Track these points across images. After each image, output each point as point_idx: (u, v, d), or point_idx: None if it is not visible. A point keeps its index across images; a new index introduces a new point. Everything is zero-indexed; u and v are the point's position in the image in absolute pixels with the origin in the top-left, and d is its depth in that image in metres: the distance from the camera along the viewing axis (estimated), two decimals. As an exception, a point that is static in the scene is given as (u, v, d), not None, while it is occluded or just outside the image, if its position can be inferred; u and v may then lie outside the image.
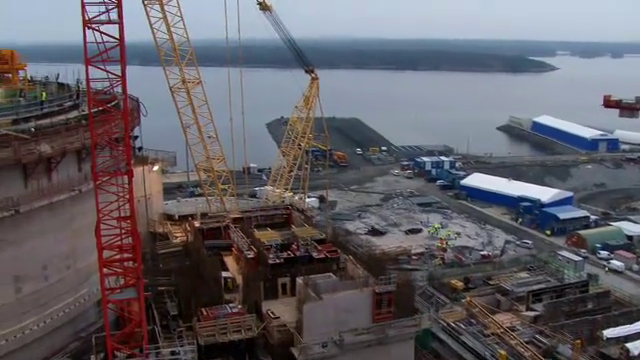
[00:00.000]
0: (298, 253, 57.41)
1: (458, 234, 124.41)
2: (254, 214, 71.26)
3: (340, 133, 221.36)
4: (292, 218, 71.18)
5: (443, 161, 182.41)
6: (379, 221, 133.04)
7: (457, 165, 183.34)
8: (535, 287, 72.80)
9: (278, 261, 55.85)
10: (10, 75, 62.06)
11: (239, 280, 56.35)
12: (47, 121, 52.35)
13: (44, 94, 56.89)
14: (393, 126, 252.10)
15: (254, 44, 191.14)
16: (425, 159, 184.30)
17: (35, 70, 67.98)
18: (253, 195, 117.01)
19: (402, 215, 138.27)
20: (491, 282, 77.74)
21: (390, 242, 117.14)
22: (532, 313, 67.96)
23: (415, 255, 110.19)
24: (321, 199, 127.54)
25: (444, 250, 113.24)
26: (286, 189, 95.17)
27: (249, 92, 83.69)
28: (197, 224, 68.05)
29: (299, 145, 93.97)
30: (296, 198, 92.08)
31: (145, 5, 74.67)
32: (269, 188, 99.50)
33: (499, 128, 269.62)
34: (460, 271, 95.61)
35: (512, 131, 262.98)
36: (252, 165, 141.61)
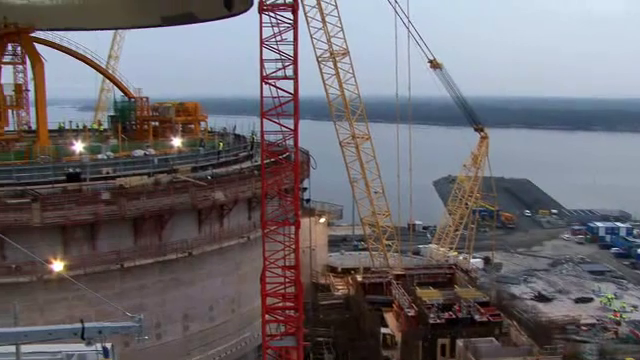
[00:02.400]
0: (460, 314, 55.93)
1: (635, 307, 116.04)
2: (417, 272, 70.51)
3: (509, 193, 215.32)
4: (455, 278, 69.68)
5: (619, 227, 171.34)
6: (546, 287, 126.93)
7: (635, 232, 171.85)
8: None
9: (439, 321, 54.68)
10: (193, 125, 65.80)
11: (398, 337, 55.64)
12: (223, 170, 54.94)
13: (221, 144, 59.82)
14: (565, 188, 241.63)
15: (423, 101, 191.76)
16: (599, 224, 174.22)
17: (214, 121, 71.85)
18: (417, 252, 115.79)
19: (571, 282, 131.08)
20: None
21: (557, 310, 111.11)
22: None
23: (585, 326, 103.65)
24: (486, 260, 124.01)
25: (618, 323, 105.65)
26: (451, 248, 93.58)
27: (417, 149, 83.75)
28: (359, 278, 68.25)
29: (466, 204, 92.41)
30: (460, 258, 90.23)
31: (319, 62, 77.37)
32: (433, 246, 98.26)
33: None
34: (636, 348, 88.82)
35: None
36: (417, 222, 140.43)
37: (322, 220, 77.97)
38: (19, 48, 66.99)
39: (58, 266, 41.25)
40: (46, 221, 42.58)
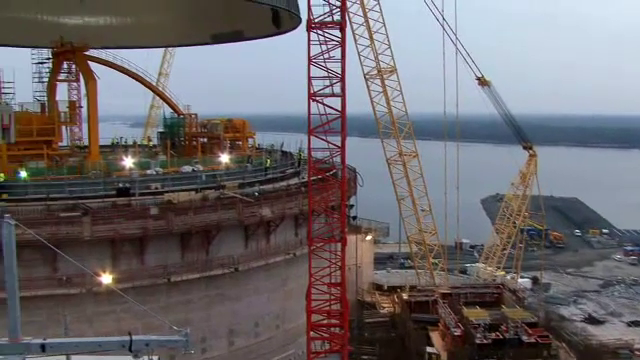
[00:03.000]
0: (507, 335, 55.03)
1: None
2: (463, 291, 69.75)
3: (558, 212, 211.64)
4: (503, 298, 68.70)
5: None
6: (597, 309, 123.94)
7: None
8: None
9: (485, 341, 53.90)
10: (241, 142, 66.39)
11: (444, 357, 55.04)
12: (270, 186, 55.26)
13: (269, 161, 60.23)
14: (617, 208, 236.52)
15: (470, 118, 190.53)
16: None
17: (262, 138, 72.36)
18: (464, 271, 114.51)
19: (624, 304, 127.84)
20: None
21: (609, 333, 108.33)
22: None
23: (638, 350, 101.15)
24: (534, 280, 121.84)
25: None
26: (498, 267, 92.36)
27: (465, 166, 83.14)
28: (405, 296, 67.81)
29: (514, 223, 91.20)
30: (508, 277, 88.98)
31: (367, 79, 77.50)
32: (480, 265, 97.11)
33: None
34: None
35: None
36: (464, 241, 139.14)
37: (368, 237, 77.77)
38: (73, 66, 68.77)
39: (107, 279, 41.96)
40: (96, 234, 43.37)
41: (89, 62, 61.71)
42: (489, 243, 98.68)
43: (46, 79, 66.29)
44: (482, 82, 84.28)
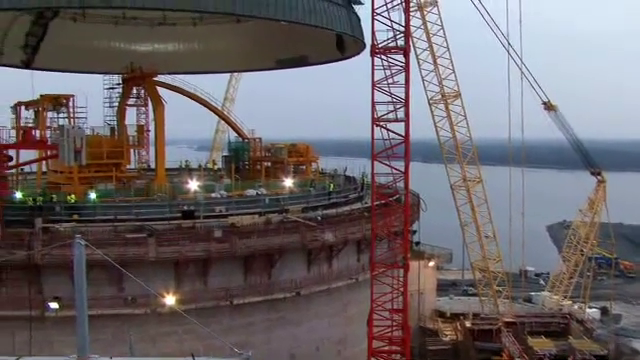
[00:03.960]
0: (574, 366, 53.61)
1: None
2: (528, 320, 68.24)
3: (628, 241, 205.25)
4: (570, 328, 66.93)
5: None
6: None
7: None
8: None
9: (552, 372, 52.61)
10: (304, 166, 66.78)
11: (508, 387, 53.82)
12: (332, 211, 55.34)
13: (332, 185, 60.39)
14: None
15: (535, 143, 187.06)
16: None
17: (325, 162, 72.49)
18: (529, 300, 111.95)
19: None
20: None
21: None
22: None
23: None
24: (604, 311, 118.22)
25: None
26: (565, 296, 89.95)
27: (530, 192, 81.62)
28: (468, 324, 66.70)
29: (581, 251, 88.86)
30: (575, 307, 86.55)
31: (430, 104, 77.12)
32: (546, 294, 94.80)
33: None
34: None
35: None
36: (529, 268, 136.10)
37: (431, 264, 76.95)
38: (142, 91, 70.68)
39: (170, 300, 42.53)
40: (161, 256, 44.12)
41: (157, 87, 63.31)
42: (555, 271, 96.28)
43: (116, 104, 68.32)
44: (548, 107, 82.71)
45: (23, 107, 59.88)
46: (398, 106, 39.47)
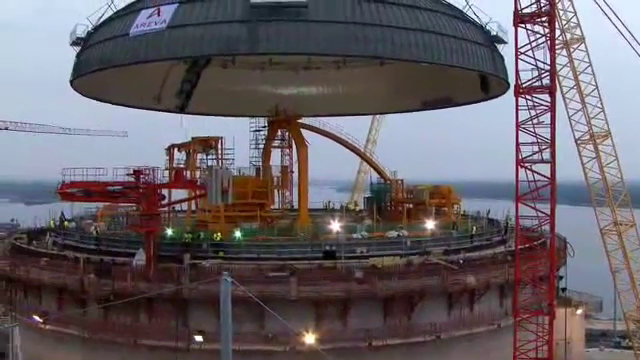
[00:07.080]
0: None
1: None
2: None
3: None
4: None
5: None
6: None
7: None
8: None
9: None
10: (446, 209, 66.04)
11: None
12: (475, 254, 54.21)
13: (474, 228, 59.29)
14: None
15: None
16: None
17: (468, 205, 71.32)
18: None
19: None
20: None
21: None
22: None
23: None
24: None
25: None
26: None
27: (690, 238, 76.28)
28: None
29: None
30: None
31: (578, 145, 74.22)
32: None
33: None
34: None
35: None
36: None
37: (579, 312, 73.21)
38: (286, 133, 72.81)
39: (310, 338, 42.95)
40: (302, 295, 44.65)
41: (301, 129, 64.96)
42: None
43: (262, 145, 70.71)
44: None
45: (176, 149, 63.17)
46: (543, 147, 38.46)
